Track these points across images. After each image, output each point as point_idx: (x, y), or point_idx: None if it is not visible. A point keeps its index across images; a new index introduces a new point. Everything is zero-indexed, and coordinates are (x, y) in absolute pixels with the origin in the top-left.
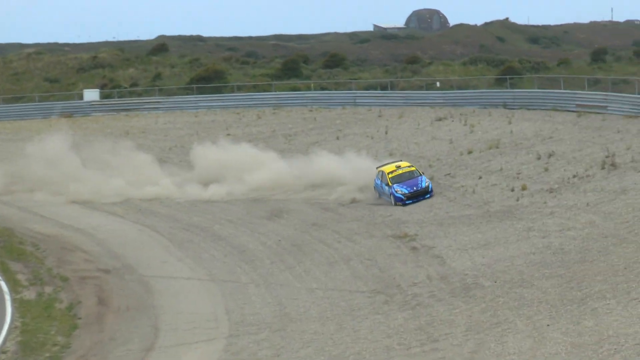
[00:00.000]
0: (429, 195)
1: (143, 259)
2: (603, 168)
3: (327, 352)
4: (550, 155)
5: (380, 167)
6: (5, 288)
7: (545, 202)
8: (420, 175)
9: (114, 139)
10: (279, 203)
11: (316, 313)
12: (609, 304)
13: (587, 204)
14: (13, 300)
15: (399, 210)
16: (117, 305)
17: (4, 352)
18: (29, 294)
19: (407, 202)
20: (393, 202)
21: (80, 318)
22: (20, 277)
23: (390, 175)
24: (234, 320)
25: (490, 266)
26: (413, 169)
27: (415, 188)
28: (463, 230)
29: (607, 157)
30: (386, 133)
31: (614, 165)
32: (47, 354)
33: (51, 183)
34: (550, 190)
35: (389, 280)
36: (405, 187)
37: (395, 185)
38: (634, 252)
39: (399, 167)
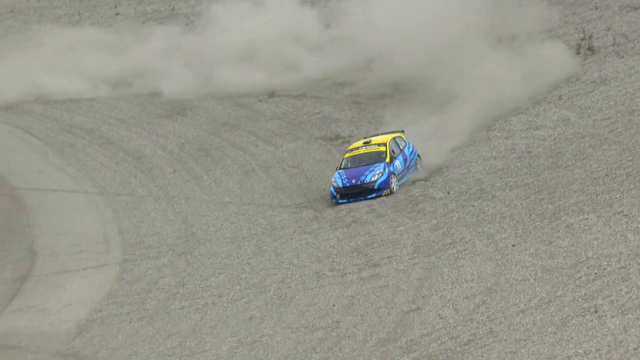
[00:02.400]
0: (374, 195)
1: (14, 168)
2: (578, 53)
3: (244, 280)
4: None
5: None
6: None
7: None
8: (383, 162)
9: None
10: (180, 98)
11: (229, 233)
12: (587, 219)
13: (559, 97)
14: None
15: (330, 107)
16: None
17: None
18: None
19: (339, 200)
20: None
21: None
22: None
23: (346, 155)
24: (129, 242)
25: (442, 173)
26: (382, 149)
27: (354, 182)
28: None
29: (582, 39)
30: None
31: (591, 49)
32: None
33: None
34: None
35: (317, 192)
36: (343, 178)
37: (336, 173)
38: (616, 155)
39: (367, 143)
